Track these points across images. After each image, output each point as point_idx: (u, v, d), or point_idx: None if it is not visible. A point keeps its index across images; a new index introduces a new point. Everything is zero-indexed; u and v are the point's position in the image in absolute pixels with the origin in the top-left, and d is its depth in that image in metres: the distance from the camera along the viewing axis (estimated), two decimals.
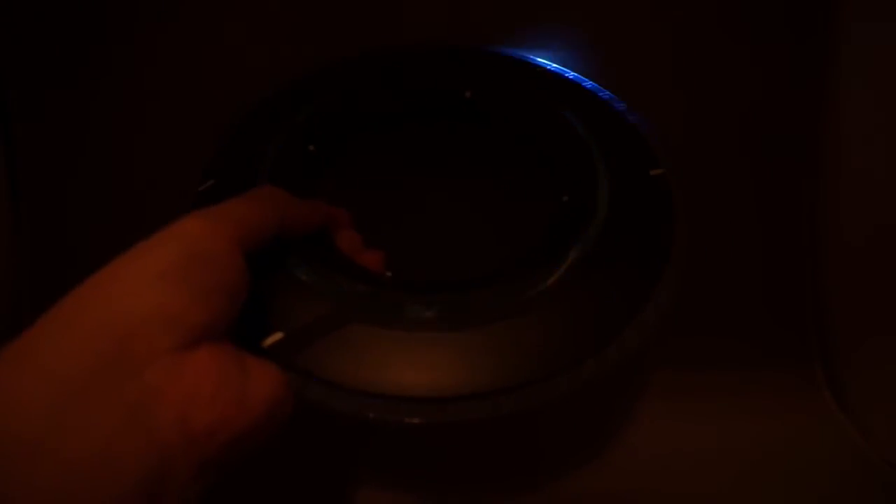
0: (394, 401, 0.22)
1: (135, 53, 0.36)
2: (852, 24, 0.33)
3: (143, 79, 0.36)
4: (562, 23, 0.37)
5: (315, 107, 0.32)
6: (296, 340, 0.23)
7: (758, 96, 0.37)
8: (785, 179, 0.37)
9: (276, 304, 0.24)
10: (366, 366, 0.23)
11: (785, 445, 0.33)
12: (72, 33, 0.35)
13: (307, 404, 0.22)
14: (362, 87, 0.34)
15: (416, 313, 0.24)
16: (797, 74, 0.36)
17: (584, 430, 0.35)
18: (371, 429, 0.22)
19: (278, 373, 0.20)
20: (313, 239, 0.26)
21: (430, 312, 0.24)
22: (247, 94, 0.33)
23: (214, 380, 0.18)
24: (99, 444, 0.16)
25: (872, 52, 0.33)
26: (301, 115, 0.32)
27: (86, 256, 0.19)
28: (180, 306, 0.18)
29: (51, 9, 0.34)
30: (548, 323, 0.24)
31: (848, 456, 0.34)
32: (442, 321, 0.23)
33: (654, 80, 0.36)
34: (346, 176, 0.31)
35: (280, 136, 0.31)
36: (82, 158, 0.37)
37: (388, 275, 0.27)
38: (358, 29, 0.37)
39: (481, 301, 0.24)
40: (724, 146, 0.37)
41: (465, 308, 0.24)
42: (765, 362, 0.35)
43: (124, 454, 0.16)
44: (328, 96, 0.33)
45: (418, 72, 0.34)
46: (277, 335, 0.23)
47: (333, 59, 0.35)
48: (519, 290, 0.24)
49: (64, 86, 0.36)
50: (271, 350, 0.23)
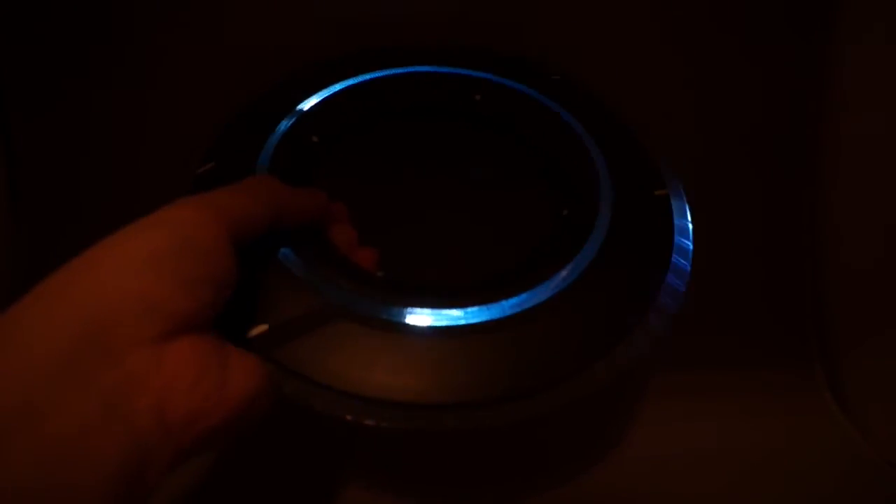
0: (371, 403, 0.22)
1: (135, 53, 0.36)
2: (852, 24, 0.33)
3: (143, 78, 0.36)
4: (561, 22, 0.36)
5: (322, 97, 0.32)
6: (280, 334, 0.23)
7: (758, 98, 0.37)
8: (785, 180, 0.37)
9: (264, 295, 0.23)
10: (346, 365, 0.22)
11: (785, 445, 0.33)
12: (72, 33, 0.35)
13: (285, 399, 0.22)
14: (372, 82, 0.33)
15: (401, 317, 0.23)
16: (797, 75, 0.36)
17: (584, 430, 0.34)
18: (354, 427, 0.22)
19: (259, 365, 0.20)
20: (308, 231, 0.26)
21: (416, 317, 0.23)
22: (248, 94, 0.33)
23: (194, 370, 0.18)
24: (75, 429, 0.16)
25: (872, 53, 0.33)
26: (307, 105, 0.31)
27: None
28: (164, 295, 0.18)
29: (51, 9, 0.34)
30: (530, 339, 0.23)
31: (848, 456, 0.34)
32: (427, 327, 0.23)
33: (654, 80, 0.36)
34: (347, 170, 0.31)
35: (285, 123, 0.30)
36: (82, 158, 0.37)
37: (379, 274, 0.26)
38: (369, 22, 0.36)
39: (468, 310, 0.24)
40: (724, 147, 0.37)
41: (451, 316, 0.24)
42: (765, 362, 0.35)
43: (100, 441, 0.16)
44: (336, 88, 0.32)
45: (429, 70, 0.34)
46: (262, 327, 0.23)
47: (342, 51, 0.34)
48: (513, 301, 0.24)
49: (64, 86, 0.36)
50: (255, 341, 0.22)
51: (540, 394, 0.23)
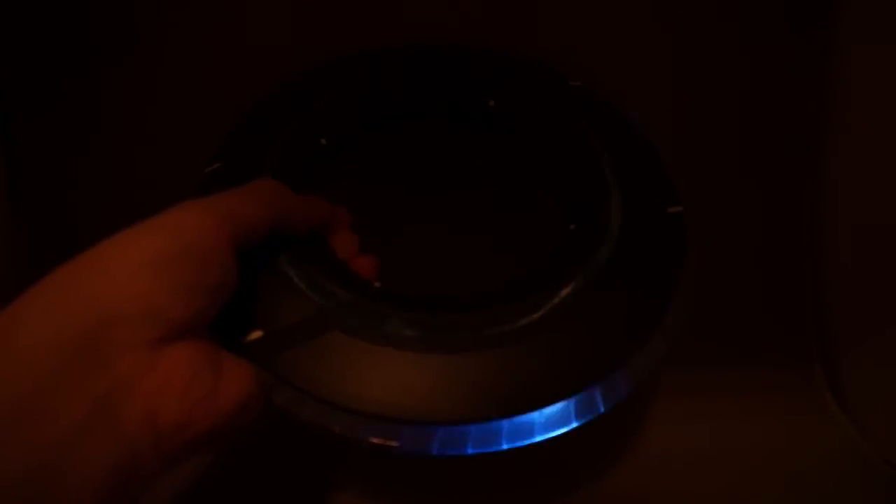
0: (360, 417, 0.22)
1: (135, 52, 0.36)
2: (852, 24, 0.33)
3: (143, 78, 0.36)
4: (561, 22, 0.36)
5: (331, 99, 0.31)
6: (274, 341, 0.23)
7: (758, 96, 0.37)
8: (785, 179, 0.37)
9: (261, 300, 0.23)
10: (338, 377, 0.22)
11: (785, 445, 0.33)
12: (72, 33, 0.35)
13: (275, 408, 0.22)
14: (383, 84, 0.33)
15: (396, 329, 0.23)
16: (797, 74, 0.36)
17: (583, 429, 0.34)
18: (343, 440, 0.22)
19: (252, 373, 0.20)
20: (309, 238, 0.25)
21: (411, 331, 0.23)
22: (249, 94, 0.32)
23: (187, 376, 0.18)
24: (65, 434, 0.16)
25: (873, 53, 0.33)
26: (317, 106, 0.31)
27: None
28: (161, 301, 0.18)
29: (51, 9, 0.34)
30: (529, 359, 0.23)
31: (848, 456, 0.34)
32: (422, 341, 0.23)
33: (653, 80, 0.36)
34: (353, 173, 0.31)
35: (294, 124, 0.30)
36: (82, 158, 0.37)
37: (376, 285, 0.26)
38: (382, 22, 0.36)
39: (465, 325, 0.23)
40: (724, 146, 0.37)
41: (447, 330, 0.23)
42: (765, 362, 0.35)
43: (90, 445, 0.16)
44: (347, 89, 0.32)
45: (443, 73, 0.33)
46: (257, 333, 0.23)
47: (355, 51, 0.34)
48: (506, 319, 0.23)
49: (64, 86, 0.36)
50: (249, 347, 0.22)
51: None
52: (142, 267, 0.18)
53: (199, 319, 0.19)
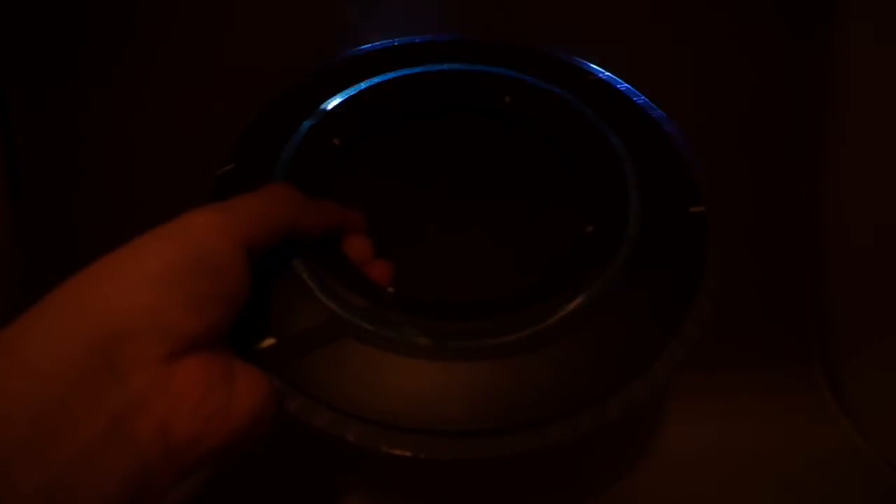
0: (374, 426, 0.21)
1: (136, 52, 0.36)
2: (852, 23, 0.33)
3: (144, 78, 0.36)
4: (564, 18, 0.36)
5: (344, 98, 0.31)
6: (288, 348, 0.22)
7: (758, 96, 0.37)
8: (785, 180, 0.37)
9: (274, 307, 0.23)
10: (352, 385, 0.22)
11: (785, 446, 0.33)
12: (72, 33, 0.35)
13: (289, 417, 0.22)
14: (397, 81, 0.32)
15: (411, 337, 0.23)
16: (797, 74, 0.36)
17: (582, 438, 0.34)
18: (358, 449, 0.22)
19: (265, 383, 0.20)
20: (322, 243, 0.25)
21: (426, 339, 0.23)
22: (261, 94, 0.32)
23: (200, 390, 0.18)
24: (78, 451, 0.15)
25: (873, 52, 0.33)
26: (329, 105, 0.30)
27: (86, 256, 0.18)
28: (175, 315, 0.18)
29: (51, 8, 0.34)
30: (547, 367, 0.22)
31: (848, 456, 0.34)
32: (436, 350, 0.22)
33: (653, 79, 0.36)
34: (367, 175, 0.30)
35: (306, 125, 0.29)
36: (82, 158, 0.37)
37: (389, 290, 0.25)
38: (395, 19, 0.36)
39: (480, 332, 0.23)
40: (724, 146, 0.37)
41: (462, 339, 0.23)
42: (765, 363, 0.35)
43: (103, 463, 0.16)
44: (360, 88, 0.31)
45: (457, 69, 0.32)
46: (270, 340, 0.22)
47: (366, 49, 0.33)
48: (522, 326, 0.23)
49: (64, 86, 0.36)
50: (262, 355, 0.22)
51: (549, 425, 0.22)
52: (152, 279, 0.18)
53: (212, 331, 0.19)
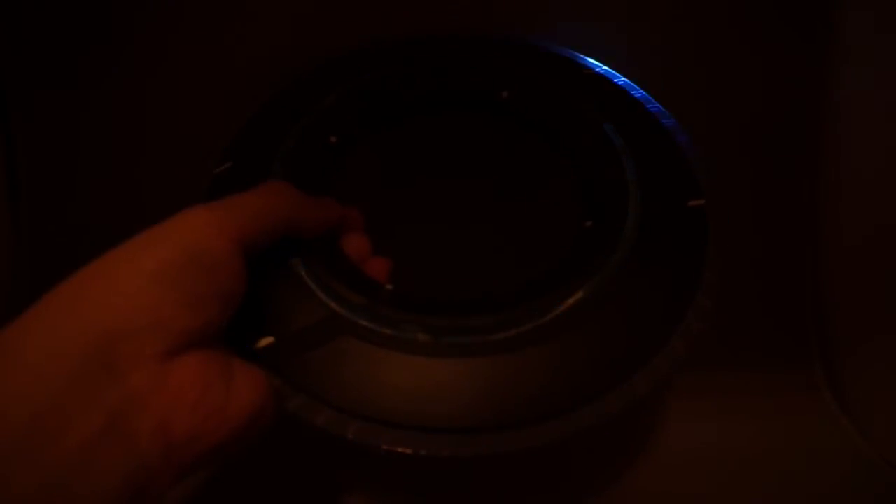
0: (373, 423, 0.21)
1: (135, 52, 0.36)
2: (852, 23, 0.33)
3: (144, 78, 0.36)
4: (564, 18, 0.36)
5: (340, 95, 0.31)
6: (286, 347, 0.22)
7: (758, 96, 0.37)
8: (785, 180, 0.37)
9: (272, 305, 0.23)
10: (351, 382, 0.22)
11: (785, 445, 0.33)
12: (72, 32, 0.35)
13: (288, 415, 0.22)
14: (392, 78, 0.32)
15: (409, 334, 0.22)
16: (797, 74, 0.36)
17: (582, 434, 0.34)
18: (358, 446, 0.22)
19: (263, 381, 0.20)
20: (320, 240, 0.25)
21: (424, 335, 0.22)
22: (257, 92, 0.32)
23: (198, 388, 0.18)
24: (77, 451, 0.16)
25: (873, 52, 0.33)
26: (326, 103, 0.30)
27: (86, 256, 0.18)
28: (171, 312, 0.18)
29: (51, 8, 0.34)
30: (545, 363, 0.22)
31: (848, 456, 0.34)
32: (435, 346, 0.22)
33: (653, 79, 0.36)
34: (364, 172, 0.30)
35: (303, 122, 0.29)
36: (82, 158, 0.37)
37: (388, 287, 0.25)
38: (390, 13, 0.35)
39: (480, 329, 0.23)
40: (724, 145, 0.37)
41: (461, 335, 0.23)
42: (765, 362, 0.35)
43: (102, 462, 0.16)
44: (355, 85, 0.31)
45: (454, 64, 0.32)
46: (268, 339, 0.22)
47: (363, 44, 0.33)
48: (521, 322, 0.23)
49: (64, 86, 0.36)
50: (260, 354, 0.22)
51: (551, 420, 0.22)
52: (148, 278, 0.18)
53: (209, 329, 0.19)
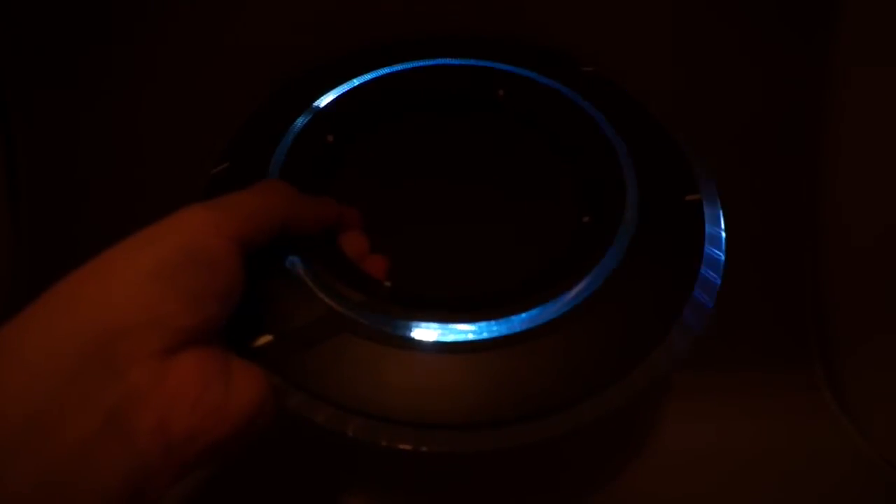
0: (373, 420, 0.21)
1: (135, 52, 0.36)
2: (853, 24, 0.33)
3: (143, 78, 0.36)
4: (563, 17, 0.36)
5: (337, 95, 0.31)
6: (285, 345, 0.22)
7: (758, 96, 0.37)
8: (785, 180, 0.37)
9: (271, 303, 0.23)
10: (350, 380, 0.22)
11: (785, 445, 0.33)
12: (72, 32, 0.35)
13: (288, 413, 0.22)
14: (389, 78, 0.32)
15: (409, 331, 0.23)
16: (797, 74, 0.36)
17: (581, 430, 0.34)
18: (356, 443, 0.22)
19: (262, 379, 0.20)
20: (318, 238, 0.25)
21: (423, 332, 0.23)
22: (254, 93, 0.32)
23: (197, 386, 0.18)
24: (76, 449, 0.16)
25: (873, 52, 0.33)
26: (322, 103, 0.31)
27: (85, 256, 0.18)
28: (169, 310, 0.18)
29: (51, 8, 0.34)
30: (544, 359, 0.22)
31: (848, 456, 0.34)
32: (434, 343, 0.22)
33: (653, 78, 0.36)
34: (362, 171, 0.30)
35: (300, 122, 0.29)
36: (82, 158, 0.37)
37: (386, 284, 0.25)
38: (386, 14, 0.35)
39: (478, 325, 0.23)
40: (724, 145, 0.37)
41: (459, 331, 0.23)
42: (765, 363, 0.35)
43: (101, 460, 0.16)
44: (352, 85, 0.31)
45: (450, 64, 0.32)
46: (267, 337, 0.22)
47: (359, 45, 0.33)
48: (519, 318, 0.23)
49: (64, 86, 0.36)
50: (259, 352, 0.22)
51: (550, 416, 0.22)
52: (146, 276, 0.18)
53: (208, 326, 0.19)
